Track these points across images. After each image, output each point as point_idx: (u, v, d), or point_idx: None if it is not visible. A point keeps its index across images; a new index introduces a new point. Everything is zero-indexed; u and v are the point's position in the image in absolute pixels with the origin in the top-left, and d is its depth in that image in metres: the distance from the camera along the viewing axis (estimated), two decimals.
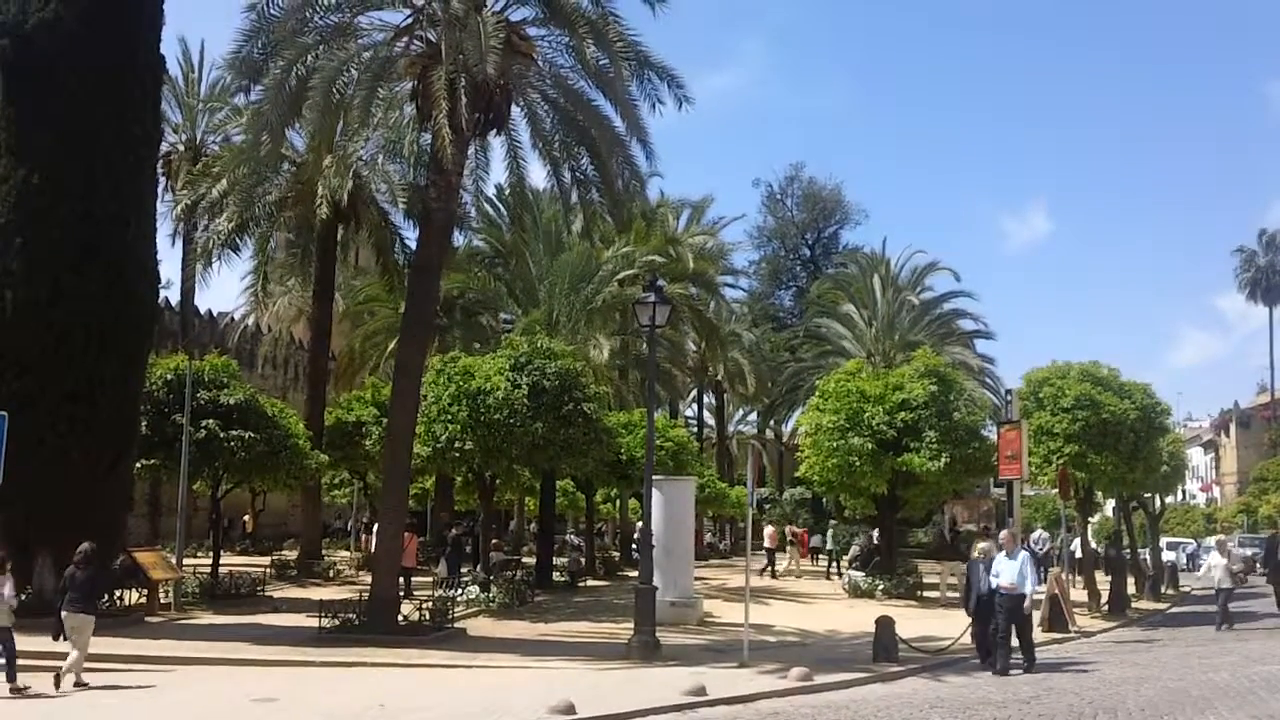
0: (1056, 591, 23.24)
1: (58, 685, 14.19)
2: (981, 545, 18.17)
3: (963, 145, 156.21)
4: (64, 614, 14.73)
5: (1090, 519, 34.92)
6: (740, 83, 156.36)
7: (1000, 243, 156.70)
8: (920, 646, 18.08)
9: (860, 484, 28.76)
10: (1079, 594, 27.17)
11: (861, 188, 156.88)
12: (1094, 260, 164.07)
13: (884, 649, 17.15)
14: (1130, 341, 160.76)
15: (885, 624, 17.49)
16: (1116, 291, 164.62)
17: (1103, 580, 29.31)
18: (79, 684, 14.41)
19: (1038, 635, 21.69)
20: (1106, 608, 27.01)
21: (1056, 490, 27.70)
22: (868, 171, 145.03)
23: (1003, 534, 17.99)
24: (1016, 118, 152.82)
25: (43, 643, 15.23)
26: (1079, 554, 31.49)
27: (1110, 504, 42.76)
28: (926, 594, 30.09)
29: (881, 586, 28.93)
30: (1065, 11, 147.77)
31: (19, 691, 14.00)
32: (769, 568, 39.47)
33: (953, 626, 20.09)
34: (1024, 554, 16.69)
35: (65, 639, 14.67)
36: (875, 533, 35.48)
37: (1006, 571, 16.60)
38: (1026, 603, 16.61)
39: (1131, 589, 30.30)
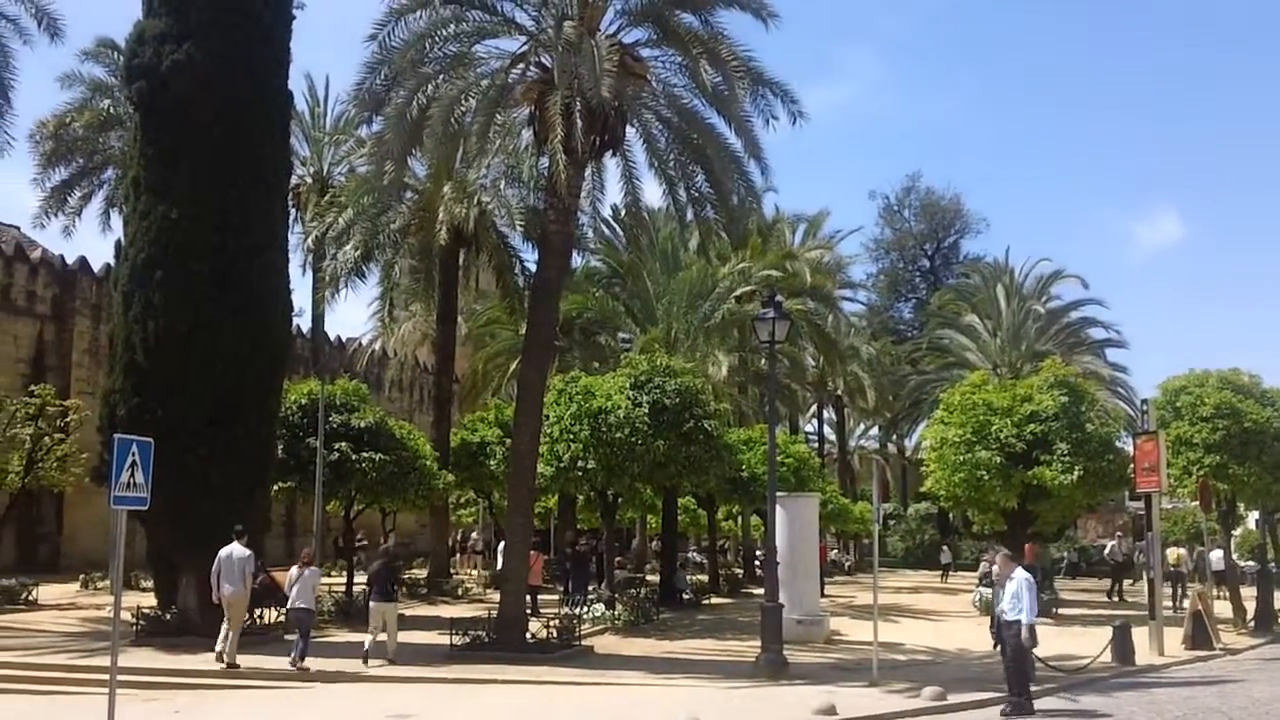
0: (1200, 608, 22.43)
1: (364, 659, 17.36)
2: (993, 568, 16.63)
3: (1086, 149, 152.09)
4: (371, 604, 18.35)
5: (1233, 532, 33.64)
6: (853, 94, 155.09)
7: (1129, 249, 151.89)
8: (1057, 665, 17.61)
9: (988, 499, 28.11)
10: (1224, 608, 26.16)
11: (981, 196, 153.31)
12: (1229, 264, 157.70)
13: None
14: (1271, 347, 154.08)
15: None
16: (1254, 296, 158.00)
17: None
18: (389, 661, 17.53)
19: (1180, 653, 21.04)
20: (1253, 624, 25.93)
21: (1197, 503, 26.74)
22: (987, 179, 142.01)
23: (998, 557, 16.50)
24: (1142, 120, 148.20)
25: (188, 660, 15.84)
26: (1217, 567, 30.29)
27: (1254, 516, 41.13)
28: (1063, 611, 29.31)
29: None
30: (1191, 8, 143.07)
31: (303, 670, 16.55)
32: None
33: (1091, 645, 19.58)
34: (1018, 577, 14.74)
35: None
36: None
37: (1006, 597, 14.85)
38: (1023, 632, 14.32)
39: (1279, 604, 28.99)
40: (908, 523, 61.42)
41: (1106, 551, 38.09)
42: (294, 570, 17.94)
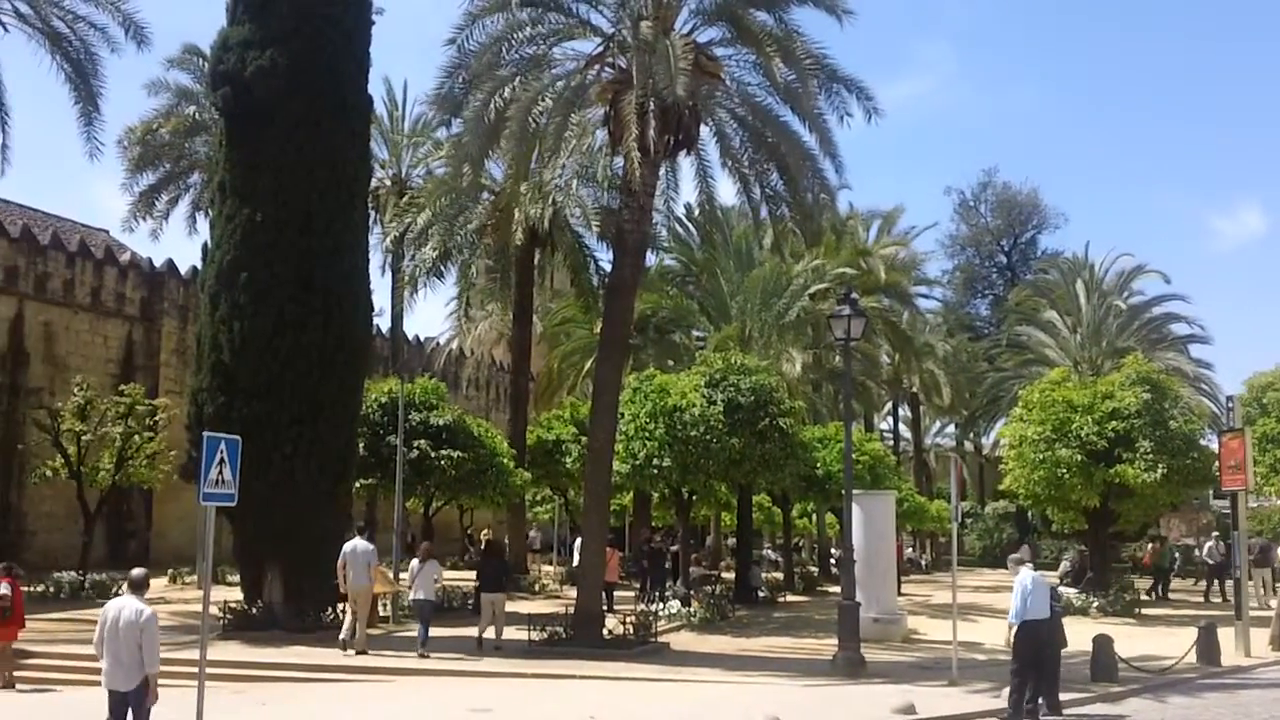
0: None
1: (480, 646, 18.81)
2: (1074, 567, 16.06)
3: (1166, 142, 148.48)
4: (482, 594, 19.60)
5: None
6: (927, 89, 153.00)
7: (1211, 242, 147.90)
8: (1141, 666, 17.35)
9: (1069, 497, 27.74)
10: None
11: (1059, 190, 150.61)
12: None
13: (1103, 668, 16.52)
14: None
15: (1103, 642, 16.85)
16: None
17: None
18: (496, 646, 18.79)
19: (1266, 654, 20.60)
20: None
21: None
22: (1065, 173, 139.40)
23: (1008, 560, 16.02)
24: (1222, 111, 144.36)
25: (274, 653, 16.17)
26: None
27: None
28: (1147, 611, 28.78)
29: (1096, 604, 27.78)
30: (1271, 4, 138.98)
31: (421, 656, 17.76)
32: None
33: (1175, 646, 19.24)
34: (1018, 577, 14.14)
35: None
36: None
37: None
38: (1010, 633, 14.09)
39: None
40: (985, 521, 60.68)
41: (1205, 551, 37.39)
42: (414, 563, 19.19)
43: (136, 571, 10.64)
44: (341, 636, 18.22)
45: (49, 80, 30.79)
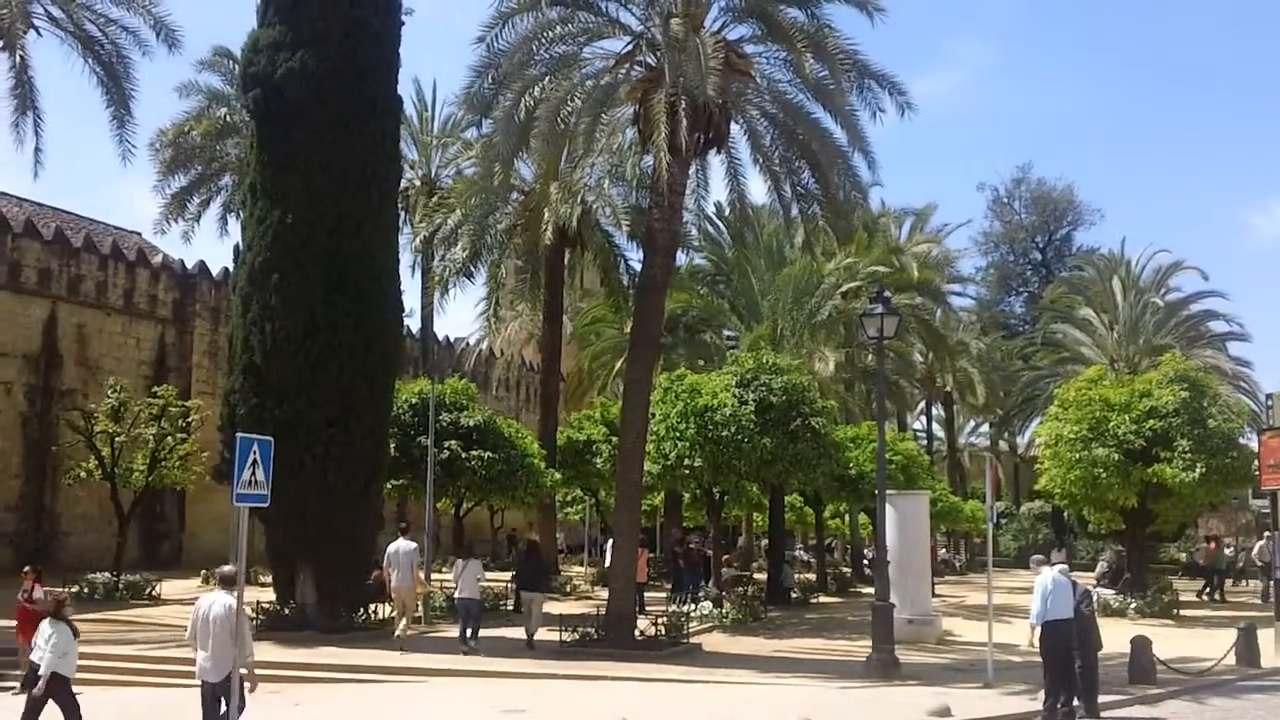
0: None
1: (530, 644, 19.06)
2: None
3: (1203, 138, 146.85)
4: (522, 592, 20.76)
5: None
6: (960, 84, 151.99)
7: (1249, 239, 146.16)
8: (1180, 668, 17.08)
9: (1106, 497, 27.42)
10: None
11: (1094, 186, 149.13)
12: None
13: (1141, 670, 16.30)
14: None
15: (1141, 644, 16.62)
16: None
17: None
18: (530, 646, 18.96)
19: None
20: None
21: None
22: (1100, 169, 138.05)
23: (1030, 561, 15.70)
24: (1261, 109, 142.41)
25: (307, 654, 16.17)
26: None
27: None
28: (1184, 612, 28.37)
29: (1134, 605, 27.44)
30: None
31: (470, 651, 18.14)
32: None
33: (1214, 647, 18.95)
34: (1039, 578, 14.02)
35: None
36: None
37: None
38: (1032, 634, 14.04)
39: None
40: (1020, 521, 60.27)
41: (1255, 551, 36.95)
42: (459, 563, 19.78)
43: (227, 568, 11.41)
44: (396, 634, 18.97)
45: (81, 83, 31.04)
